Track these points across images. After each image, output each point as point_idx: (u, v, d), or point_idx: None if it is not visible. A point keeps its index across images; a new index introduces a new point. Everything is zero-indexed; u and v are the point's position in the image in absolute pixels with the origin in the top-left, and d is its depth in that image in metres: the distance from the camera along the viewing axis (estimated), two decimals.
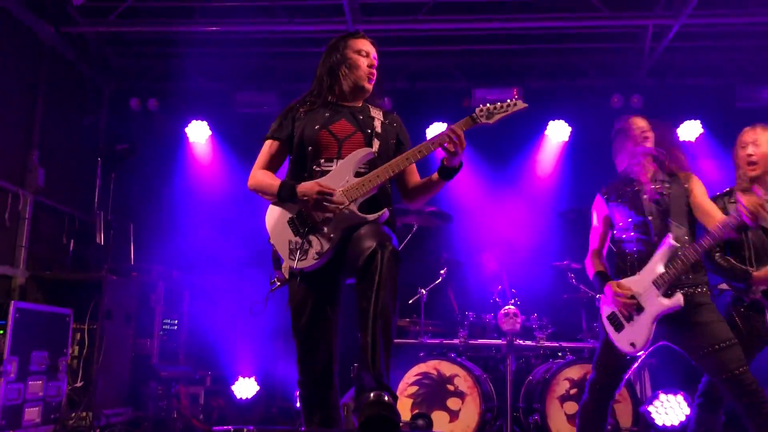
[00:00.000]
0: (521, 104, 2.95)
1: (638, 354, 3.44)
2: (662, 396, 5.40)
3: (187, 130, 7.59)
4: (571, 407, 4.99)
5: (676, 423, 5.41)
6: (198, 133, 7.59)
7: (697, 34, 7.04)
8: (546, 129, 7.47)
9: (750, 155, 3.69)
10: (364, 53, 3.04)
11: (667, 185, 3.56)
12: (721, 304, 3.67)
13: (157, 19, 6.91)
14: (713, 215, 3.42)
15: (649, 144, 3.61)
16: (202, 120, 7.59)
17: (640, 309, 3.41)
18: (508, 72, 7.68)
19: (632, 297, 3.42)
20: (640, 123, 3.65)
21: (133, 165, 7.03)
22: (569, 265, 5.92)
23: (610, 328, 3.53)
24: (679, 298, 3.30)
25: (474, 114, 2.92)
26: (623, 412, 4.97)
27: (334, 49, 3.06)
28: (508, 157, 7.50)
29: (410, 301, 5.78)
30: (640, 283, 3.44)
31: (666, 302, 3.33)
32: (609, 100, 7.27)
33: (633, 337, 3.43)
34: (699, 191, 3.54)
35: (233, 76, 7.76)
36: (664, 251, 3.38)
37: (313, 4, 6.72)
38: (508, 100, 2.95)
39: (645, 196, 3.56)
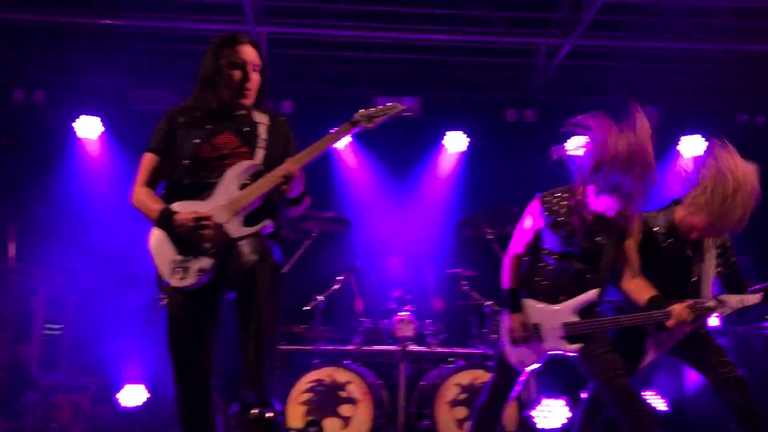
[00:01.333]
0: (400, 107, 2.98)
1: (526, 369, 3.58)
2: (545, 401, 5.63)
3: (75, 125, 7.25)
4: (461, 412, 5.13)
5: (557, 426, 5.66)
6: (89, 128, 7.26)
7: (588, 54, 7.41)
8: (445, 139, 7.65)
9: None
10: (240, 63, 2.86)
11: (606, 234, 3.47)
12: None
13: (47, 7, 6.55)
14: (633, 271, 3.49)
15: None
16: (94, 115, 7.27)
17: (540, 339, 3.50)
18: (410, 81, 7.81)
19: (527, 338, 3.48)
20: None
21: (16, 161, 6.64)
22: (462, 273, 6.07)
23: (507, 340, 3.63)
24: (578, 347, 3.42)
25: (353, 118, 2.94)
26: (508, 416, 5.14)
27: (209, 59, 2.88)
28: (408, 165, 7.63)
29: (306, 308, 5.74)
30: (551, 317, 3.49)
31: (567, 346, 3.44)
32: (504, 113, 7.52)
33: (524, 358, 3.56)
34: (633, 239, 3.52)
35: (129, 72, 7.48)
36: (582, 301, 3.45)
37: (214, 3, 6.58)
38: (388, 104, 2.98)
39: (583, 241, 3.47)
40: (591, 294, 3.45)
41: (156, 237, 2.80)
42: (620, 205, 3.34)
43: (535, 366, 3.57)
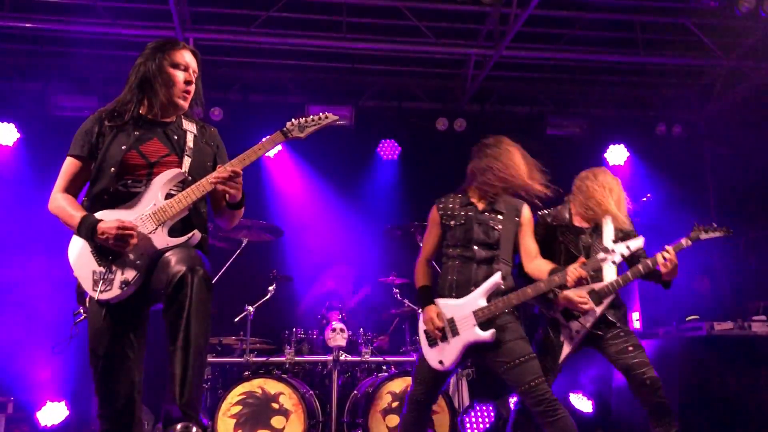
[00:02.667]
0: (332, 117, 2.96)
1: (447, 370, 3.62)
2: (477, 407, 5.70)
3: None
4: (393, 420, 5.13)
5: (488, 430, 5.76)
6: (4, 135, 6.98)
7: (515, 65, 7.60)
8: (378, 148, 7.69)
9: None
10: (182, 67, 2.83)
11: (500, 217, 3.68)
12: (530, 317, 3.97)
13: None
14: (532, 255, 3.70)
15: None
16: (10, 122, 6.99)
17: (455, 332, 3.59)
18: (342, 90, 7.83)
19: (441, 329, 3.58)
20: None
21: None
22: (394, 280, 6.10)
23: (424, 342, 3.71)
24: (492, 334, 3.51)
25: (285, 128, 2.90)
26: (441, 423, 5.18)
27: (149, 59, 2.80)
28: (340, 173, 7.63)
29: (236, 319, 5.64)
30: (461, 308, 3.60)
31: (481, 334, 3.52)
32: (435, 122, 7.62)
33: (443, 356, 3.62)
34: (527, 228, 3.75)
35: (50, 77, 7.23)
36: (489, 286, 3.57)
37: (141, 8, 6.43)
38: (320, 114, 2.95)
39: (476, 226, 3.66)
40: (495, 277, 3.57)
41: (77, 247, 2.69)
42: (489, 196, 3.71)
43: (452, 366, 3.60)
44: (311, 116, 2.92)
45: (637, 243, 3.63)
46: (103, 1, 6.35)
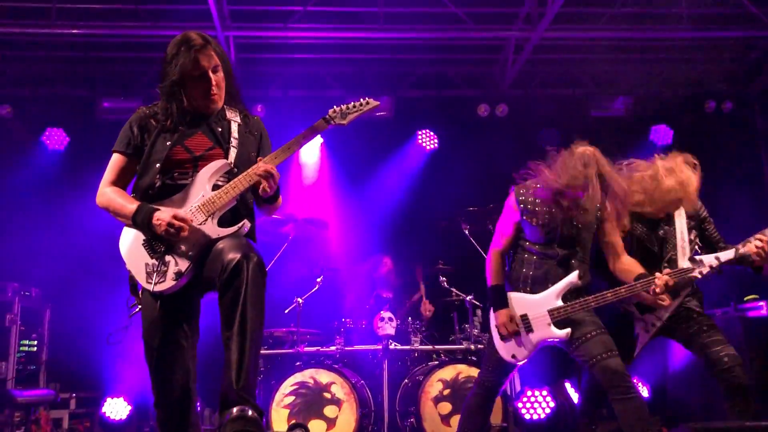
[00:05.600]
0: (374, 102, 2.95)
1: (517, 364, 3.60)
2: (528, 392, 5.65)
3: (45, 137, 7.19)
4: (445, 407, 5.13)
5: (542, 416, 5.69)
6: (55, 140, 7.19)
7: (554, 47, 7.48)
8: (417, 138, 7.68)
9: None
10: (198, 74, 2.76)
11: (581, 217, 3.56)
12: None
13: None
14: (619, 254, 3.58)
15: (591, 192, 3.48)
16: (59, 127, 7.21)
17: (529, 329, 3.54)
18: (381, 81, 7.82)
19: (516, 332, 3.53)
20: (591, 172, 3.45)
21: None
22: (441, 268, 6.09)
23: (496, 336, 3.65)
24: (567, 332, 3.45)
25: (327, 115, 2.90)
26: (494, 409, 5.14)
27: (170, 66, 2.76)
28: (381, 164, 7.64)
29: (286, 311, 5.71)
30: (536, 306, 3.54)
31: (556, 332, 3.47)
32: (476, 109, 7.55)
33: (516, 351, 3.58)
34: (610, 223, 3.61)
35: (96, 82, 7.42)
36: (564, 286, 3.51)
37: (180, 9, 6.53)
38: (361, 100, 2.93)
39: (560, 226, 3.57)
40: (571, 277, 3.49)
41: (128, 240, 2.75)
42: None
43: (527, 359, 3.56)
44: (353, 103, 2.93)
45: (727, 255, 3.47)
46: (144, 4, 6.47)
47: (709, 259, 3.48)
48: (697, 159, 3.88)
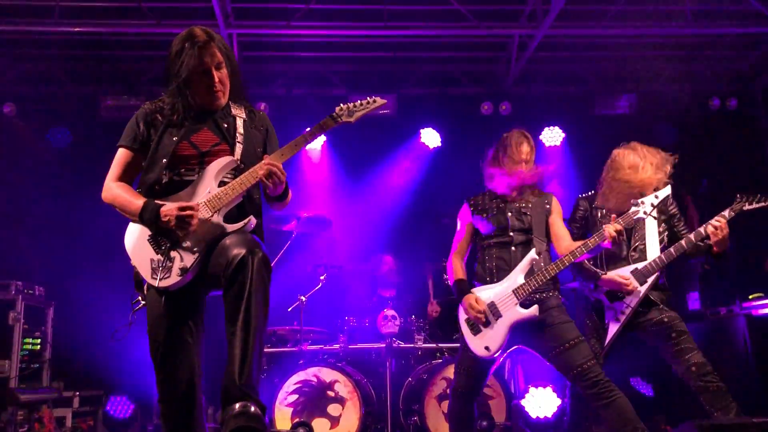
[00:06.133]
0: (380, 101, 2.97)
1: (494, 357, 3.59)
2: (533, 389, 5.64)
3: (50, 135, 7.21)
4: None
5: (549, 415, 5.67)
6: (64, 139, 7.21)
7: (558, 44, 7.46)
8: (420, 136, 7.67)
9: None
10: (201, 70, 2.75)
11: (530, 205, 3.77)
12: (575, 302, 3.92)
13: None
14: (564, 238, 3.70)
15: (527, 168, 3.73)
16: (63, 126, 7.22)
17: (498, 315, 3.58)
18: (385, 79, 7.80)
19: (482, 312, 3.59)
20: (525, 148, 3.73)
21: None
22: (444, 266, 6.06)
23: (467, 332, 3.70)
24: (535, 310, 3.52)
25: (334, 113, 2.91)
26: (498, 408, 5.15)
27: (174, 63, 2.76)
28: (385, 162, 7.63)
29: (289, 309, 5.71)
30: (500, 290, 3.63)
31: (523, 312, 3.53)
32: (479, 107, 7.53)
33: (488, 342, 3.60)
34: (556, 214, 3.80)
35: (100, 80, 7.43)
36: (526, 263, 3.60)
37: (184, 7, 6.53)
38: (368, 98, 2.96)
39: (509, 214, 3.74)
40: (531, 254, 3.60)
41: (133, 235, 2.74)
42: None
43: (500, 351, 3.56)
44: (359, 101, 2.95)
45: (665, 191, 3.56)
46: (148, 2, 6.46)
47: (650, 198, 3.53)
48: (701, 156, 3.91)
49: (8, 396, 5.44)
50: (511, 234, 3.71)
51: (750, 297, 5.45)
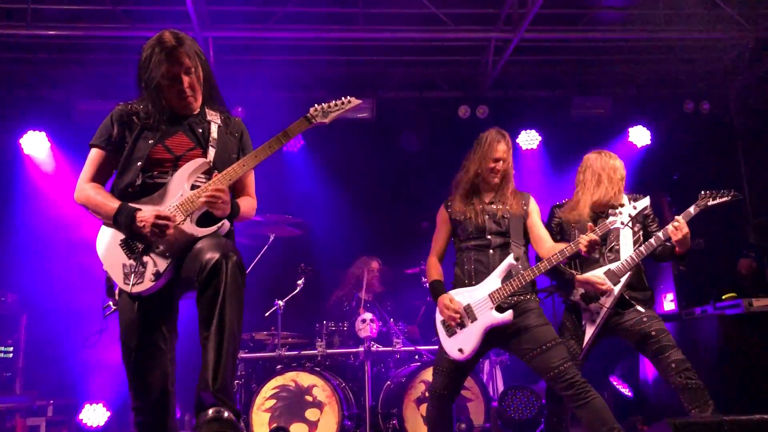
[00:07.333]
0: (355, 101, 2.96)
1: (467, 359, 3.59)
2: (511, 392, 5.64)
3: (22, 141, 7.10)
4: None
5: (528, 417, 5.67)
6: (35, 144, 7.09)
7: (535, 48, 7.51)
8: (400, 139, 7.68)
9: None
10: (170, 76, 2.72)
11: (507, 206, 3.75)
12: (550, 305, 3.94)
13: None
14: (544, 240, 3.71)
15: (503, 167, 3.75)
16: (41, 130, 7.12)
17: (473, 318, 3.58)
18: (362, 83, 7.79)
19: (457, 312, 3.59)
20: (500, 147, 3.73)
21: None
22: (422, 269, 6.07)
23: (442, 333, 3.70)
24: (509, 314, 3.52)
25: (308, 114, 2.90)
26: (476, 411, 5.16)
27: (144, 69, 2.74)
28: (363, 166, 7.61)
29: (267, 314, 5.67)
30: (476, 293, 3.62)
31: (498, 316, 3.53)
32: (457, 111, 7.56)
33: (462, 344, 3.60)
34: (535, 215, 3.80)
35: (74, 84, 7.33)
36: (503, 268, 3.58)
37: (159, 10, 6.47)
38: (342, 98, 2.95)
39: (487, 217, 3.72)
40: (509, 259, 3.59)
41: (105, 240, 2.70)
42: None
43: (473, 353, 3.57)
44: (334, 102, 2.94)
45: (643, 202, 3.62)
46: (122, 5, 6.40)
47: (627, 209, 3.57)
48: (675, 158, 3.95)
49: None
50: (489, 237, 3.69)
51: (723, 297, 5.51)
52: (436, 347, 5.67)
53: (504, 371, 6.24)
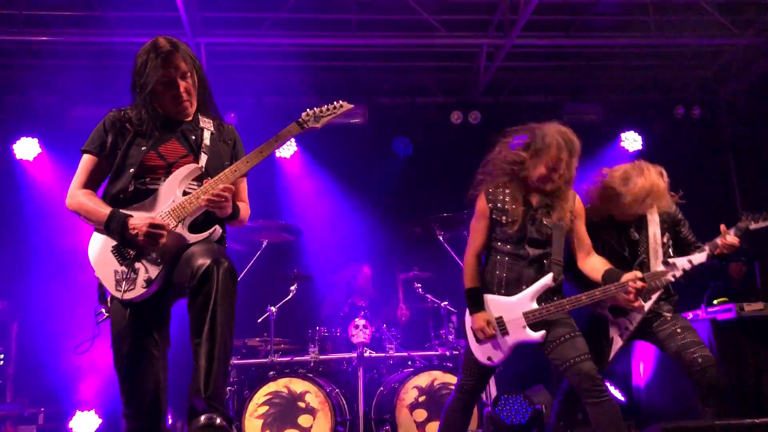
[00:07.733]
0: (347, 105, 2.95)
1: (494, 365, 3.58)
2: (503, 398, 5.64)
3: (15, 147, 7.08)
4: (420, 414, 5.11)
5: (524, 421, 5.68)
6: (27, 150, 7.07)
7: (527, 54, 7.54)
8: (393, 144, 7.69)
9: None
10: (165, 81, 2.74)
11: (555, 215, 3.54)
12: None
13: None
14: (585, 250, 3.60)
15: (561, 173, 3.53)
16: (34, 136, 7.09)
17: (505, 332, 3.52)
18: (355, 89, 7.81)
19: (493, 334, 3.50)
20: (564, 156, 3.52)
21: None
22: (416, 275, 6.07)
23: (471, 338, 3.63)
24: (542, 335, 3.44)
25: (300, 119, 2.89)
26: None
27: (140, 75, 2.75)
28: (356, 172, 7.62)
29: (259, 320, 5.66)
30: (511, 308, 3.52)
31: (532, 335, 3.46)
32: (449, 116, 7.57)
33: (491, 353, 3.56)
34: (579, 219, 3.62)
35: (67, 90, 7.31)
36: (540, 287, 3.48)
37: (152, 16, 6.47)
38: (335, 103, 2.93)
39: (529, 224, 3.54)
40: (546, 279, 3.48)
41: (97, 246, 2.69)
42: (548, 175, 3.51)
43: (502, 360, 3.55)
44: (325, 106, 2.93)
45: (699, 259, 3.56)
46: (115, 11, 6.40)
47: (682, 262, 3.55)
48: (667, 164, 3.92)
49: None
50: (527, 248, 3.52)
51: (715, 302, 5.53)
52: (429, 353, 5.74)
53: (497, 376, 6.23)
